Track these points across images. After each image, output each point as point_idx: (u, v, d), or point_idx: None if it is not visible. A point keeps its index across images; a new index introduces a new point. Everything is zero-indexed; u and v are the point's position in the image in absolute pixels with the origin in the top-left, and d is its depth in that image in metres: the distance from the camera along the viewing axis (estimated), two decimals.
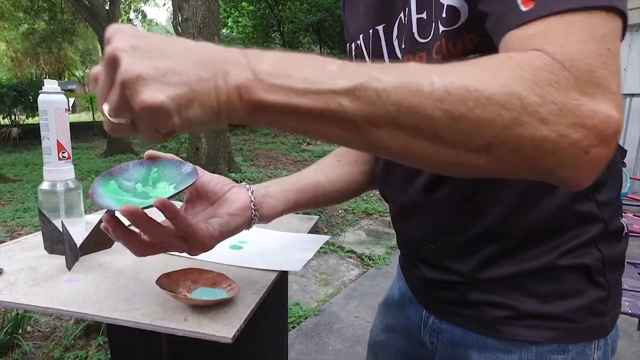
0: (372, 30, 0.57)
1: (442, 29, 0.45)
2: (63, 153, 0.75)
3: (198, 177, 0.49)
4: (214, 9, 4.96)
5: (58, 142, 0.74)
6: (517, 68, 0.31)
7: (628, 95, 4.71)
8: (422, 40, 0.48)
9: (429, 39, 0.47)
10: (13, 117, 10.88)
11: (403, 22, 0.51)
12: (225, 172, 5.15)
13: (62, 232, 0.65)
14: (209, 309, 0.52)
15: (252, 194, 0.54)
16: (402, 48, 0.53)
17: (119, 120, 0.33)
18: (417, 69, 0.33)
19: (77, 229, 0.75)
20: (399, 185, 0.59)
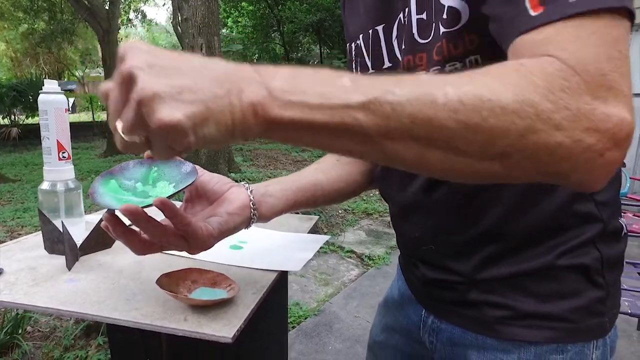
0: (371, 31, 0.57)
1: (442, 30, 0.45)
2: (63, 153, 0.75)
3: (198, 176, 0.49)
4: (214, 9, 4.95)
5: (58, 142, 0.74)
6: (529, 75, 0.31)
7: None
8: (422, 41, 0.48)
9: (429, 40, 0.47)
10: (13, 117, 10.86)
11: (402, 22, 0.51)
12: (225, 172, 5.15)
13: (62, 232, 0.65)
14: (209, 309, 0.52)
15: (251, 193, 0.55)
16: (401, 49, 0.53)
17: (133, 138, 0.32)
18: (429, 80, 0.33)
19: (77, 229, 0.75)
20: (399, 185, 0.59)
